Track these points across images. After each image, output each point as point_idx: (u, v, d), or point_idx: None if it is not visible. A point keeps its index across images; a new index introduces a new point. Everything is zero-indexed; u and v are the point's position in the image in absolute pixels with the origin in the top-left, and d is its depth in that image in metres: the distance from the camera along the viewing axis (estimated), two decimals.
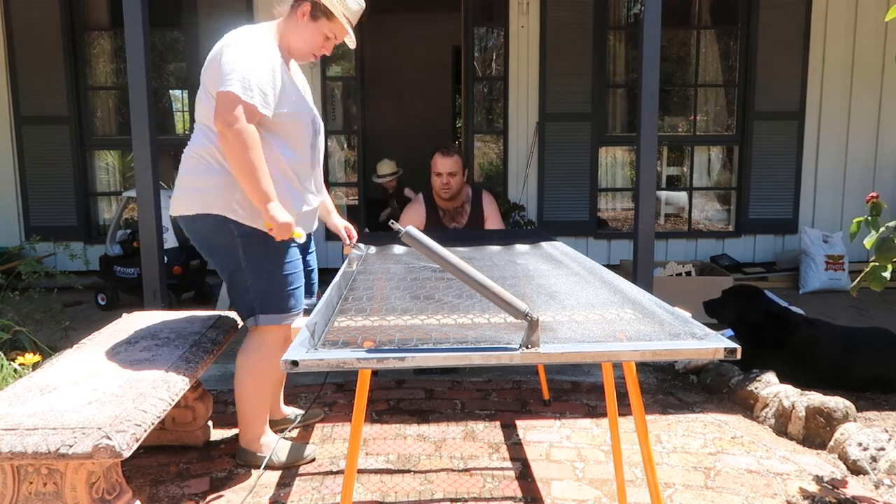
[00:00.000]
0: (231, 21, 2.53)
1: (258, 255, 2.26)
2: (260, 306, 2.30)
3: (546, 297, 1.86)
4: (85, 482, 1.73)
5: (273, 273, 2.29)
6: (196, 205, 2.26)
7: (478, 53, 6.14)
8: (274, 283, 2.30)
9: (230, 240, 2.25)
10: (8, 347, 3.21)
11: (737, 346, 1.34)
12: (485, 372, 3.39)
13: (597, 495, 2.25)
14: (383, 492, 2.27)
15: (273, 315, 2.32)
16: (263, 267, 2.28)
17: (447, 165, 3.57)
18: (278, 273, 2.30)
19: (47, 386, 1.94)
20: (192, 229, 2.33)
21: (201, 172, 2.25)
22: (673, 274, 4.76)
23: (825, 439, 2.63)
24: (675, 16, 5.58)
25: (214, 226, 2.25)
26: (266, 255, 2.27)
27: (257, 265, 2.27)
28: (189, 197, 2.27)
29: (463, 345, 1.38)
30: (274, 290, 2.30)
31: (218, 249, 2.31)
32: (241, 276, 2.28)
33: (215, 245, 2.31)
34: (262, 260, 2.27)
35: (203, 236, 2.33)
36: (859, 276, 2.22)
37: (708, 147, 5.96)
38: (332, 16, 2.28)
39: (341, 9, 2.29)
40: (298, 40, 2.32)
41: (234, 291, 2.34)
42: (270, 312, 2.31)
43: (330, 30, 2.33)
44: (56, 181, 5.45)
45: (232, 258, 2.28)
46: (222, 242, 2.27)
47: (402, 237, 1.35)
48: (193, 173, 2.27)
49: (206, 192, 2.24)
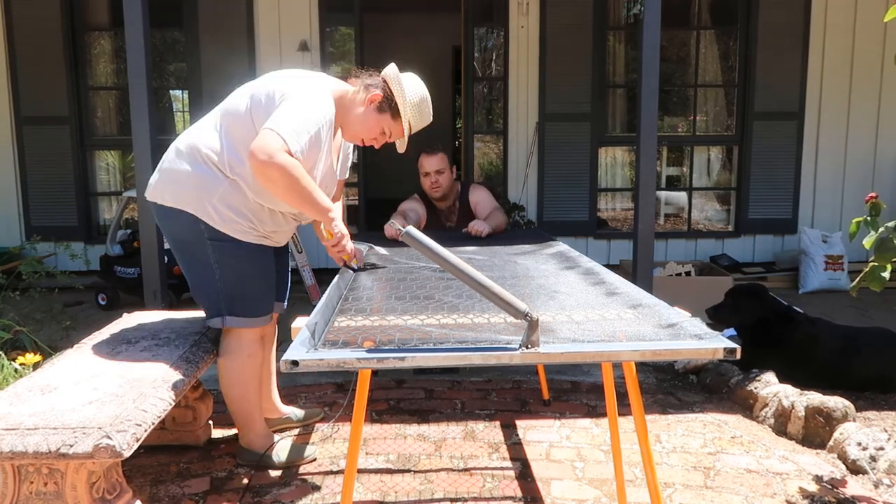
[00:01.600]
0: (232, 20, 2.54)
1: (229, 259, 2.25)
2: (228, 308, 2.28)
3: (546, 297, 1.87)
4: (85, 482, 1.74)
5: (242, 276, 2.27)
6: (170, 197, 2.23)
7: (478, 54, 6.14)
8: (243, 286, 2.28)
9: (200, 240, 2.23)
10: (9, 347, 3.21)
11: (736, 345, 1.34)
12: (485, 372, 3.39)
13: (597, 495, 2.25)
14: (383, 491, 2.28)
15: (241, 318, 2.30)
16: (234, 270, 2.26)
17: (433, 164, 3.57)
18: (248, 277, 2.28)
19: (48, 386, 1.95)
20: (163, 219, 2.30)
21: (189, 165, 2.20)
22: (673, 274, 4.76)
23: (824, 439, 2.63)
24: (675, 16, 5.58)
25: (186, 224, 2.22)
26: (237, 259, 2.25)
27: (228, 268, 2.25)
28: (167, 187, 2.24)
29: (463, 345, 1.38)
30: (243, 293, 2.29)
31: (186, 247, 2.28)
32: (211, 277, 2.26)
33: (185, 242, 2.27)
34: (232, 263, 2.25)
35: (173, 230, 2.29)
36: (859, 276, 2.22)
37: (707, 147, 5.96)
38: (397, 116, 2.27)
39: (410, 115, 2.29)
40: (356, 122, 2.29)
41: (201, 290, 2.31)
42: (239, 315, 2.29)
43: (389, 127, 2.30)
44: (57, 181, 5.46)
45: (201, 258, 2.25)
46: (192, 241, 2.25)
47: (401, 237, 1.35)
48: (181, 163, 2.21)
49: (185, 186, 2.20)
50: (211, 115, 2.29)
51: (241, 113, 2.18)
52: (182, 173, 2.21)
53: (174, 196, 2.22)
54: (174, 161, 2.24)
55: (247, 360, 2.35)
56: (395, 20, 8.66)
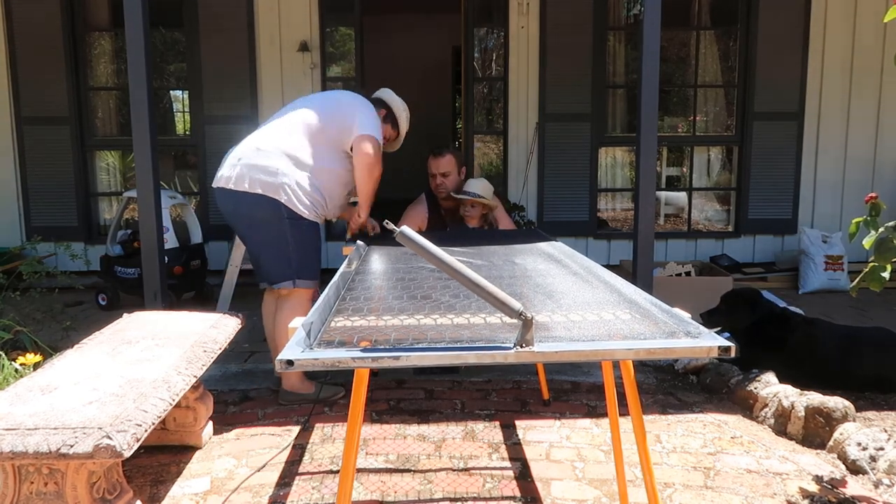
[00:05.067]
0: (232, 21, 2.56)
1: (302, 235, 2.92)
2: (299, 273, 2.94)
3: (543, 296, 1.87)
4: (86, 482, 1.74)
5: (308, 248, 2.97)
6: (259, 186, 2.86)
7: (478, 54, 6.15)
8: (309, 255, 2.99)
9: (279, 220, 2.88)
10: (9, 347, 3.22)
11: (731, 344, 1.34)
12: (485, 372, 3.40)
13: (597, 495, 2.25)
14: (383, 491, 2.28)
15: (307, 280, 2.97)
16: (305, 244, 2.94)
17: (440, 166, 3.61)
18: (312, 248, 3.01)
19: (48, 386, 1.95)
20: (243, 206, 2.90)
21: (281, 163, 2.89)
22: (673, 274, 4.76)
23: (824, 439, 2.63)
24: (675, 16, 5.58)
25: (269, 208, 2.86)
26: (306, 235, 2.94)
27: (300, 242, 2.93)
28: (256, 177, 2.86)
29: (458, 344, 1.38)
30: (309, 262, 2.98)
31: (265, 226, 2.90)
32: (286, 250, 2.91)
33: (265, 222, 2.89)
34: (303, 239, 2.93)
35: (253, 214, 2.90)
36: (858, 276, 2.22)
37: (707, 147, 5.96)
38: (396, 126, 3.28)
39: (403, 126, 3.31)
40: None
41: (272, 261, 2.95)
42: (305, 278, 2.96)
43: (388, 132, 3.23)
44: (57, 181, 5.46)
45: (279, 234, 2.89)
46: (272, 220, 2.88)
47: (396, 237, 1.35)
48: (271, 159, 2.89)
49: (277, 178, 2.86)
50: (293, 122, 2.99)
51: (336, 130, 2.98)
52: (271, 169, 2.87)
53: (263, 185, 2.86)
54: (255, 157, 2.91)
55: (300, 312, 2.84)
56: (396, 20, 8.67)
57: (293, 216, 2.89)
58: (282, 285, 2.95)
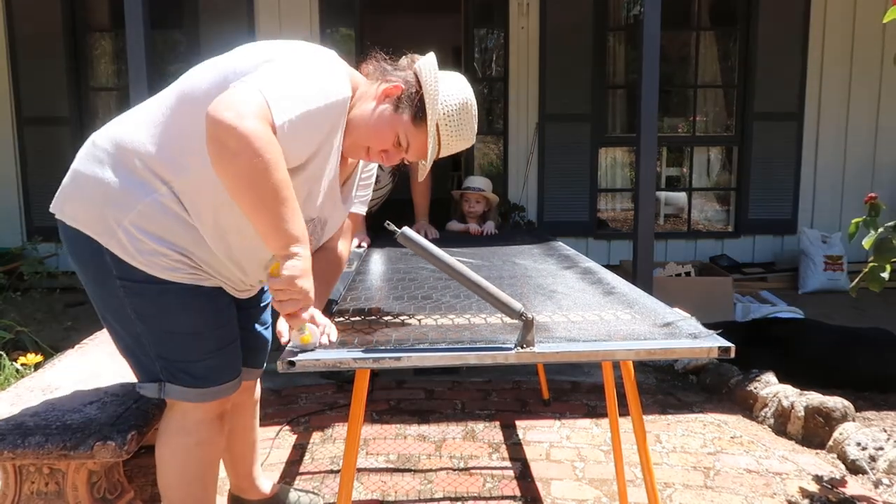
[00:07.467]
0: (232, 21, 2.55)
1: (149, 307, 1.50)
2: (166, 374, 1.56)
3: (543, 297, 1.87)
4: (86, 482, 1.75)
5: (173, 331, 1.53)
6: (70, 210, 1.54)
7: (478, 54, 6.15)
8: (175, 346, 1.54)
9: (107, 278, 1.50)
10: (10, 347, 3.22)
11: (730, 344, 1.35)
12: (485, 372, 3.40)
13: (597, 495, 2.26)
14: (383, 491, 2.28)
15: (184, 388, 1.56)
16: (159, 322, 1.52)
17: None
18: (182, 332, 1.53)
19: (49, 386, 1.96)
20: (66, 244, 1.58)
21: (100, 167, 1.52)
22: (672, 274, 4.77)
23: (824, 439, 2.64)
24: (675, 17, 5.58)
25: (87, 254, 1.51)
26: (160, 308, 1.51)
27: (151, 319, 1.52)
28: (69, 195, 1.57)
29: (459, 345, 1.39)
30: (181, 354, 1.54)
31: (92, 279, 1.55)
32: (132, 329, 1.54)
33: (89, 279, 1.56)
34: (154, 314, 1.51)
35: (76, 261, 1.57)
36: (858, 276, 2.22)
37: (707, 148, 5.96)
38: (420, 119, 1.51)
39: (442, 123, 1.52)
40: (362, 122, 1.51)
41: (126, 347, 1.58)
42: (181, 384, 1.56)
43: (406, 133, 1.51)
44: (57, 182, 5.36)
45: (115, 301, 1.52)
46: (97, 278, 1.53)
47: (397, 238, 1.35)
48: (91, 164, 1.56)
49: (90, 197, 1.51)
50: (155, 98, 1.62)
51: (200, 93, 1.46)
52: (90, 178, 1.53)
53: (74, 210, 1.53)
54: (84, 160, 1.58)
55: (194, 450, 1.61)
56: (396, 21, 8.66)
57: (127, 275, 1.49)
58: (144, 389, 1.59)
